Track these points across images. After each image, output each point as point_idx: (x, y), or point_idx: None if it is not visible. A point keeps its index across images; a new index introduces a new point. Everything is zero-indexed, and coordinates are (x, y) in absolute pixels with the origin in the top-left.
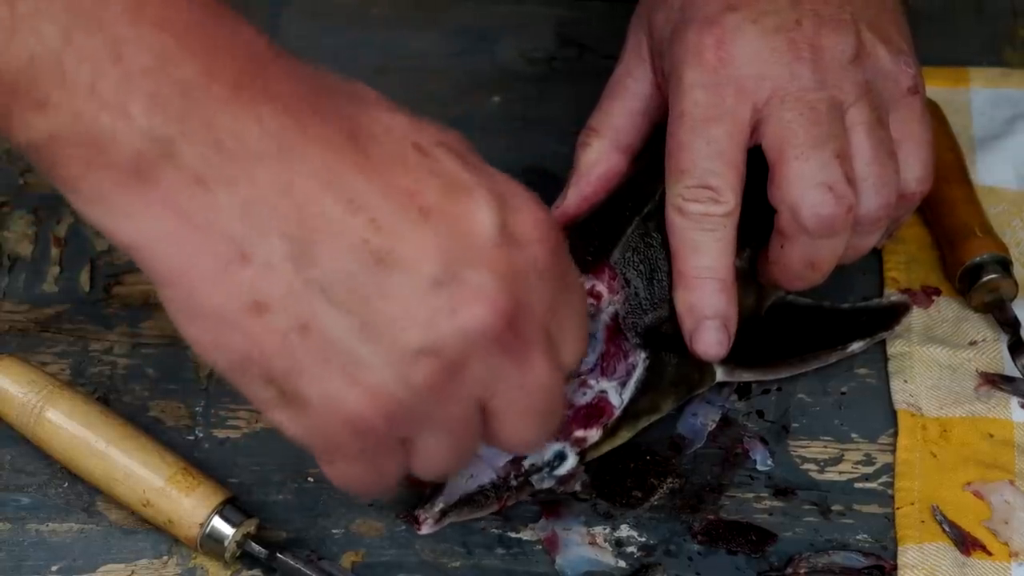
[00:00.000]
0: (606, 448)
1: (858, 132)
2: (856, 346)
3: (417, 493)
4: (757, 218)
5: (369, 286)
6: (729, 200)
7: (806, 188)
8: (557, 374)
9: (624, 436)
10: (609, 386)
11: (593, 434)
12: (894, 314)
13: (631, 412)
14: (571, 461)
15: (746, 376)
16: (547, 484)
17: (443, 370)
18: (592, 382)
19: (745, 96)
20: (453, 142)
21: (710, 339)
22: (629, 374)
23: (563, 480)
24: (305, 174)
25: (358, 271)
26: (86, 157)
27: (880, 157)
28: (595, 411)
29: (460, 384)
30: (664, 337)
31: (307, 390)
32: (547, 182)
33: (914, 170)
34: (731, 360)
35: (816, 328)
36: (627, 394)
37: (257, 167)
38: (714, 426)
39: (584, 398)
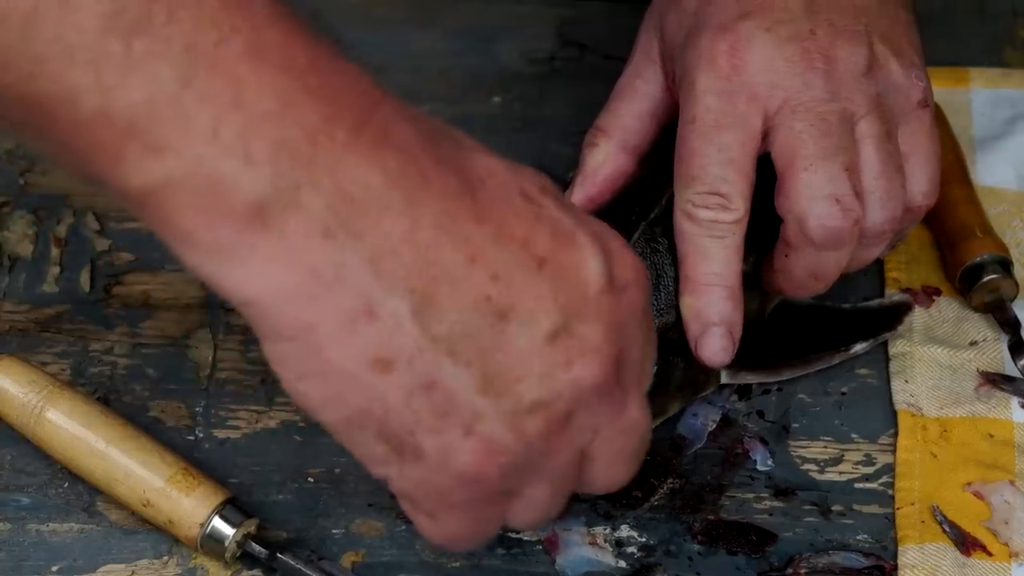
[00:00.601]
0: None
1: (867, 145)
2: (859, 347)
3: None
4: (763, 224)
5: (489, 340)
6: (739, 207)
7: (814, 200)
8: (648, 412)
9: None
10: None
11: None
12: (896, 314)
13: None
14: None
15: (749, 378)
16: None
17: (555, 422)
18: None
19: (757, 104)
20: (549, 185)
21: (715, 345)
22: None
23: None
24: (428, 225)
25: (480, 325)
26: (206, 205)
27: (888, 171)
28: None
29: (568, 435)
30: (671, 342)
31: (424, 444)
32: None
33: (920, 184)
34: (735, 362)
35: (819, 329)
36: None
37: (383, 217)
38: (715, 426)
39: None
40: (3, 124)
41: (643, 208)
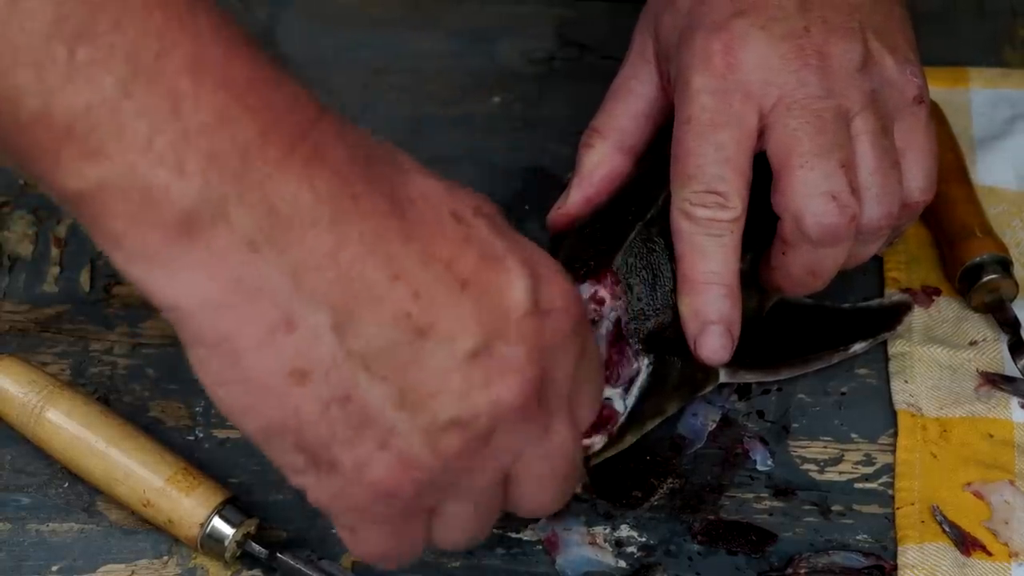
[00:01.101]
0: (611, 453)
1: (863, 141)
2: (858, 347)
3: None
4: (760, 223)
5: (408, 357)
6: (736, 206)
7: (810, 197)
8: (577, 438)
9: (629, 440)
10: (613, 393)
11: (598, 441)
12: (896, 314)
13: (636, 417)
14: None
15: (748, 377)
16: None
17: (472, 440)
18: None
19: (752, 102)
20: (485, 207)
21: (715, 344)
22: (632, 380)
23: None
24: (354, 241)
25: (399, 342)
26: (135, 212)
27: (884, 167)
28: (600, 419)
29: (487, 454)
30: (667, 342)
31: (339, 456)
32: (547, 182)
33: (917, 179)
34: (733, 361)
35: (818, 329)
36: (631, 400)
37: (308, 233)
38: (714, 426)
39: None
40: None
41: (639, 208)
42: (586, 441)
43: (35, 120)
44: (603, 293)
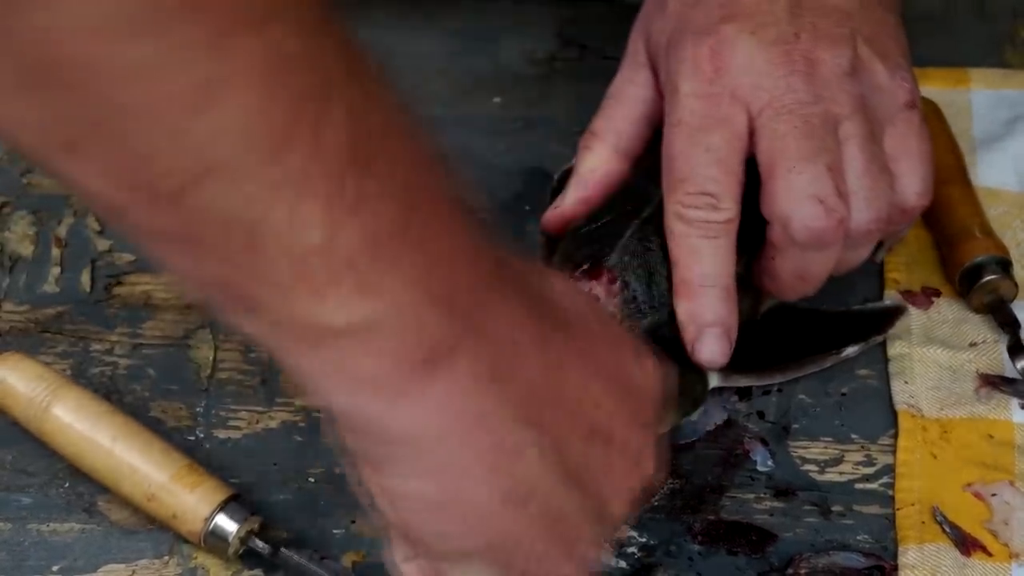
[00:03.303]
0: None
1: (851, 146)
2: (851, 350)
3: None
4: (755, 227)
5: (601, 467)
6: (729, 207)
7: (797, 201)
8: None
9: None
10: None
11: None
12: (889, 317)
13: None
14: None
15: (742, 381)
16: None
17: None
18: None
19: (740, 105)
20: (597, 302)
21: (713, 347)
22: None
23: None
24: (555, 364)
25: (596, 454)
26: (397, 346)
27: (872, 171)
28: None
29: None
30: (663, 341)
31: (530, 569)
32: (547, 183)
33: (913, 184)
34: (728, 365)
35: (812, 332)
36: None
37: (528, 360)
38: (714, 427)
39: None
40: (172, 240)
41: (636, 207)
42: None
43: (315, 252)
44: (598, 290)
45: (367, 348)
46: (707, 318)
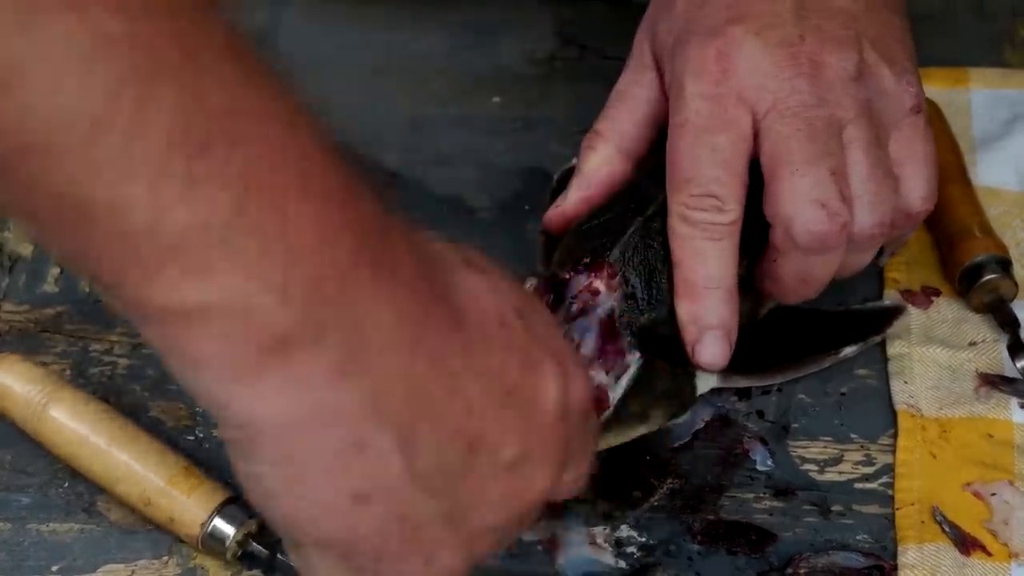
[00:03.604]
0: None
1: (855, 149)
2: (849, 350)
3: None
4: (757, 230)
5: (460, 471)
6: (733, 209)
7: (800, 204)
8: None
9: (610, 440)
10: (607, 380)
11: None
12: (887, 317)
13: (621, 414)
14: None
15: (741, 382)
16: None
17: (499, 539)
18: (592, 373)
19: (745, 106)
20: (523, 303)
21: (714, 350)
22: (622, 373)
23: None
24: (423, 361)
25: (454, 458)
26: (232, 331)
27: (876, 175)
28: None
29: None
30: (659, 340)
31: (382, 570)
32: (547, 182)
33: (918, 189)
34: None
35: (810, 332)
36: (619, 391)
37: (387, 355)
38: (703, 424)
39: None
40: (17, 214)
41: (639, 206)
42: None
43: (142, 233)
44: (598, 284)
45: (205, 332)
46: (708, 320)
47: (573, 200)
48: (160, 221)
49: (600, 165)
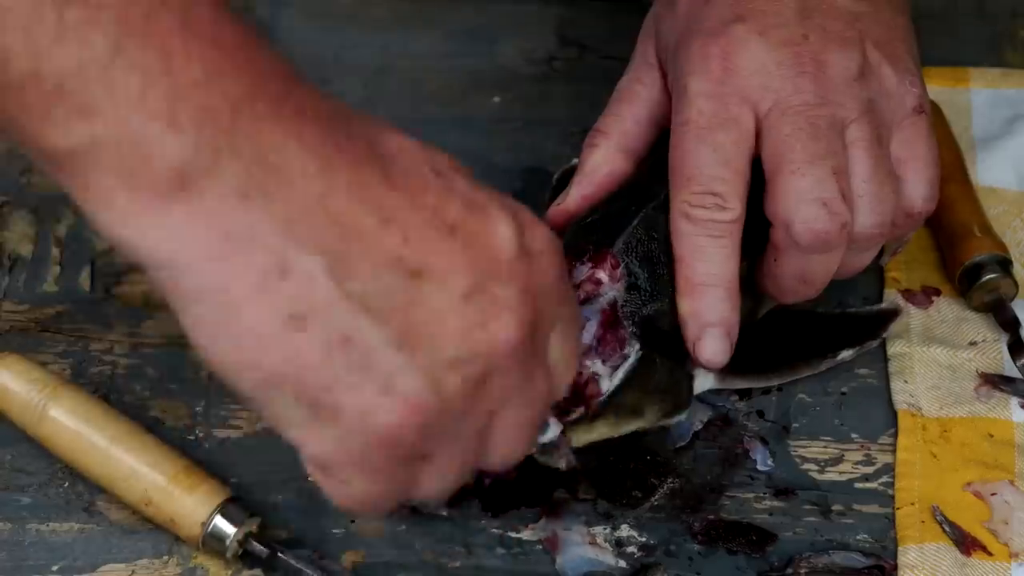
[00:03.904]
0: (583, 435)
1: (857, 149)
2: (846, 354)
3: None
4: (757, 229)
5: (405, 299)
6: (735, 207)
7: (800, 203)
8: (551, 388)
9: (602, 430)
10: (602, 370)
11: (575, 412)
12: (884, 320)
13: (615, 403)
14: (553, 430)
15: (738, 383)
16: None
17: (472, 381)
18: (587, 363)
19: (748, 105)
20: (459, 165)
21: (715, 347)
22: (620, 362)
23: (545, 449)
24: (342, 189)
25: (394, 284)
26: (128, 167)
27: (878, 175)
28: (583, 390)
29: (483, 396)
30: (660, 332)
31: (342, 402)
32: (547, 182)
33: (919, 189)
34: (724, 367)
35: (807, 335)
36: (615, 381)
37: (298, 182)
38: (701, 426)
39: (576, 377)
40: None
41: (641, 200)
42: (565, 406)
43: (24, 80)
44: (601, 275)
45: (103, 168)
46: (709, 318)
47: (575, 197)
48: (39, 66)
49: (602, 163)
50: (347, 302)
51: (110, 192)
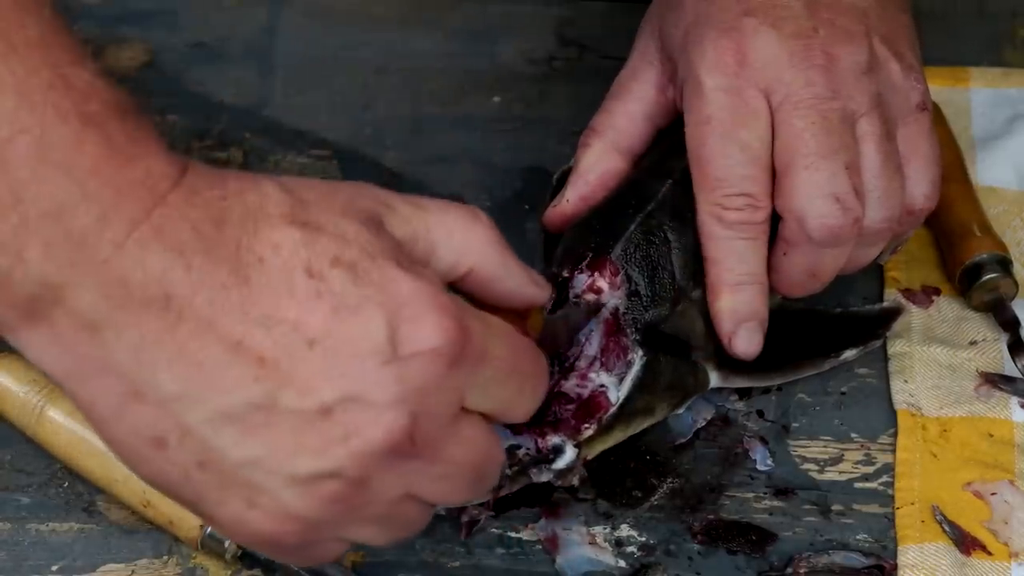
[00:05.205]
0: (598, 446)
1: (868, 144)
2: (849, 354)
3: None
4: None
5: (259, 419)
6: (767, 205)
7: (814, 198)
8: (483, 440)
9: (617, 436)
10: (609, 381)
11: (587, 429)
12: (886, 320)
13: (626, 411)
14: (569, 455)
15: (740, 382)
16: (545, 477)
17: (347, 487)
18: (592, 375)
19: (764, 97)
20: (351, 246)
21: (751, 339)
22: (626, 371)
23: (561, 474)
24: (189, 317)
25: (247, 405)
26: None
27: (888, 171)
28: (593, 405)
29: (372, 492)
30: (663, 336)
31: (215, 514)
32: (547, 181)
33: (921, 186)
34: (727, 366)
35: (809, 334)
36: (623, 391)
37: (143, 313)
38: (704, 423)
39: (583, 391)
40: None
41: (639, 201)
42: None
43: None
44: (601, 283)
45: None
46: (746, 313)
47: (571, 199)
48: None
49: (595, 163)
50: (200, 426)
51: None
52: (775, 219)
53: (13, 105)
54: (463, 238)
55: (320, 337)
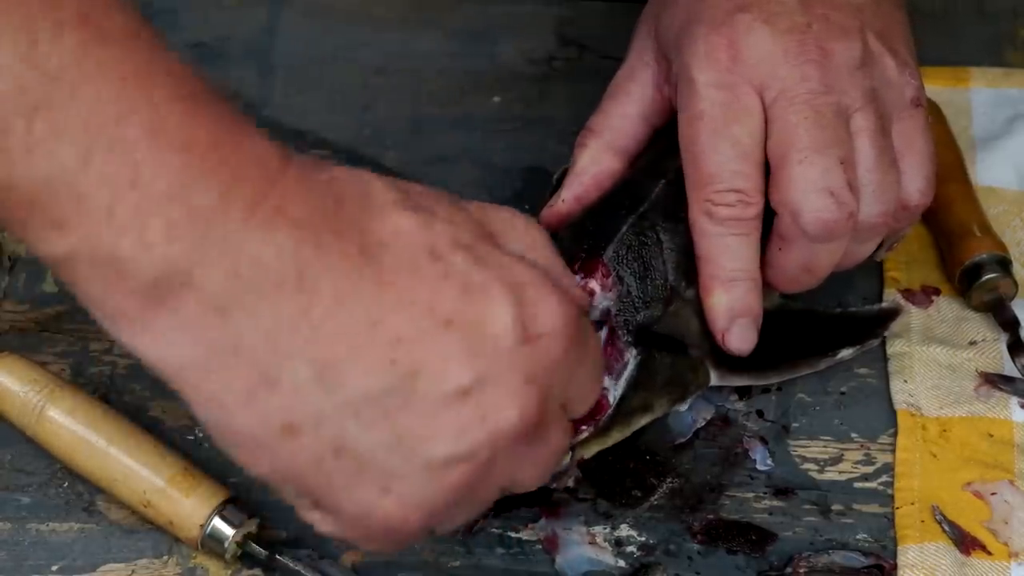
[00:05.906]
0: (595, 447)
1: (862, 139)
2: (846, 353)
3: None
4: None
5: (398, 402)
6: (758, 201)
7: (808, 192)
8: (568, 434)
9: (615, 436)
10: (608, 383)
11: (584, 431)
12: (884, 320)
13: (623, 410)
14: (565, 458)
15: (737, 381)
16: None
17: (476, 470)
18: None
19: (756, 93)
20: (463, 236)
21: (745, 336)
22: (621, 372)
23: (556, 476)
24: (325, 295)
25: (386, 388)
26: (105, 279)
27: (882, 165)
28: (593, 407)
29: (490, 477)
30: (656, 336)
31: (341, 503)
32: (546, 181)
33: (916, 182)
34: (724, 364)
35: (807, 333)
36: (618, 391)
37: (276, 293)
38: (704, 423)
39: None
40: None
41: (632, 202)
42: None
43: (2, 190)
44: (593, 284)
45: (84, 279)
46: (740, 309)
47: (567, 198)
48: (12, 177)
49: (591, 163)
50: (337, 412)
51: (96, 299)
52: (770, 215)
53: (119, 88)
54: (525, 234)
55: (454, 318)
